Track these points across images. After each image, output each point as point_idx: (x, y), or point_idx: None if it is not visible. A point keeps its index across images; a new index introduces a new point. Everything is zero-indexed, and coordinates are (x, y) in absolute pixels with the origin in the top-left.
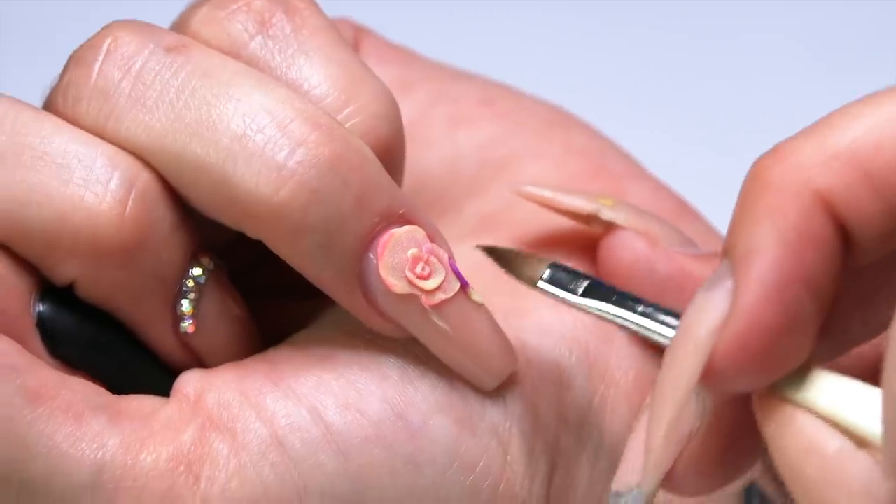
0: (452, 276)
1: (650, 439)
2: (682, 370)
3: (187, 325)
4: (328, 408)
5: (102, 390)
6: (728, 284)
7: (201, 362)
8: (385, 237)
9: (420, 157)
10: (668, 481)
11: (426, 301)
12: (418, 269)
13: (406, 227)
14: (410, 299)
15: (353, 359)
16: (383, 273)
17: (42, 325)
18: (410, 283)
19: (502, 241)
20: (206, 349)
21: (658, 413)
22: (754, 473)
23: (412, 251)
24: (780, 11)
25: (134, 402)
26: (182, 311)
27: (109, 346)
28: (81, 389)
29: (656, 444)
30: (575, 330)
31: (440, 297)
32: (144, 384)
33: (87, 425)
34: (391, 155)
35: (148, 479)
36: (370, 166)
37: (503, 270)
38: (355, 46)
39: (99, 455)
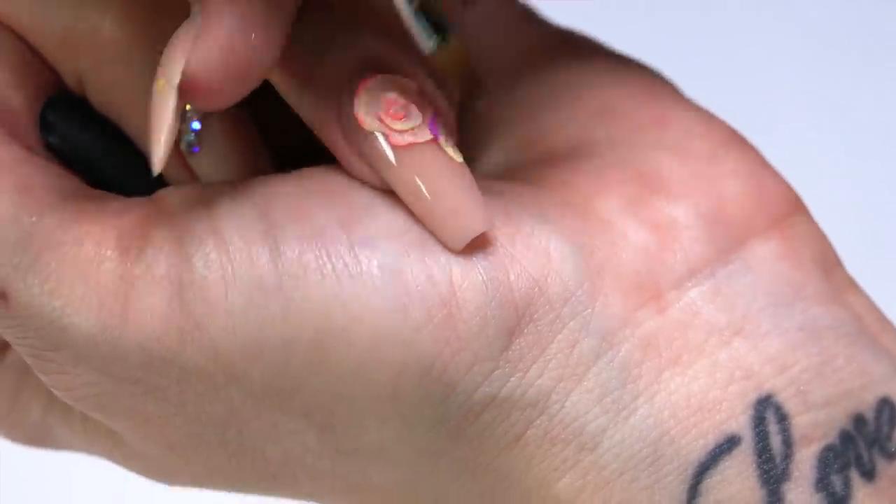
0: (426, 127)
1: (152, 153)
2: (164, 102)
3: (189, 141)
4: (277, 210)
5: (79, 183)
6: (198, 21)
7: None
8: (369, 78)
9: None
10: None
11: (393, 140)
12: (392, 111)
13: (396, 76)
14: (379, 138)
15: (326, 186)
16: (356, 108)
17: (44, 123)
18: (381, 121)
19: None
20: (207, 174)
21: (153, 139)
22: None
23: (391, 94)
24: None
25: (101, 194)
26: (184, 126)
27: (106, 153)
28: (49, 174)
29: (157, 158)
30: (585, 225)
31: (408, 139)
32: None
33: (30, 197)
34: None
35: (70, 248)
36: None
37: None
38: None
39: (32, 220)
